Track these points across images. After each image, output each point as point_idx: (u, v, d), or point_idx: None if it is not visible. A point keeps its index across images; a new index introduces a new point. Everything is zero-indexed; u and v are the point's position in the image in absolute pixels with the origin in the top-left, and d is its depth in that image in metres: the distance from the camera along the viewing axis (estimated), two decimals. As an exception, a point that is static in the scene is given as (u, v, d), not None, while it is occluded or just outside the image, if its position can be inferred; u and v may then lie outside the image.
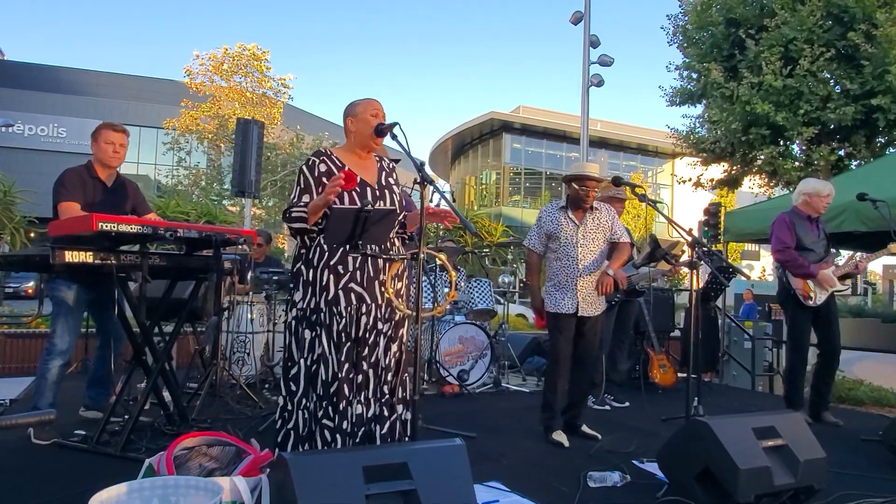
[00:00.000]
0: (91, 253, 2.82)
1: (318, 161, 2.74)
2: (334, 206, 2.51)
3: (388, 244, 2.72)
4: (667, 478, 2.77)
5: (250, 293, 4.93)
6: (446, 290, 2.96)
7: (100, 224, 2.67)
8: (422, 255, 2.34)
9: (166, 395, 3.50)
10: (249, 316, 4.87)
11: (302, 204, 2.67)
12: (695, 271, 3.38)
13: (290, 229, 2.72)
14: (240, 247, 3.82)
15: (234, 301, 4.63)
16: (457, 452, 2.04)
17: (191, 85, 21.44)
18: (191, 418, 3.56)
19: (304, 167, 2.74)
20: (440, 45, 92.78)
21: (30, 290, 18.74)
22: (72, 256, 2.74)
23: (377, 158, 2.88)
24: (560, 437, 3.65)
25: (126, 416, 3.23)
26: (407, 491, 1.87)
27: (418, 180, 2.39)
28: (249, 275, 4.80)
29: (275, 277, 4.81)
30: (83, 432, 3.27)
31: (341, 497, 1.78)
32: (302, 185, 2.72)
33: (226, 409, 4.01)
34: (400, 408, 2.79)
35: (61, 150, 25.16)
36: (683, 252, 3.67)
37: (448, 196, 2.61)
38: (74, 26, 67.12)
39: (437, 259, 2.71)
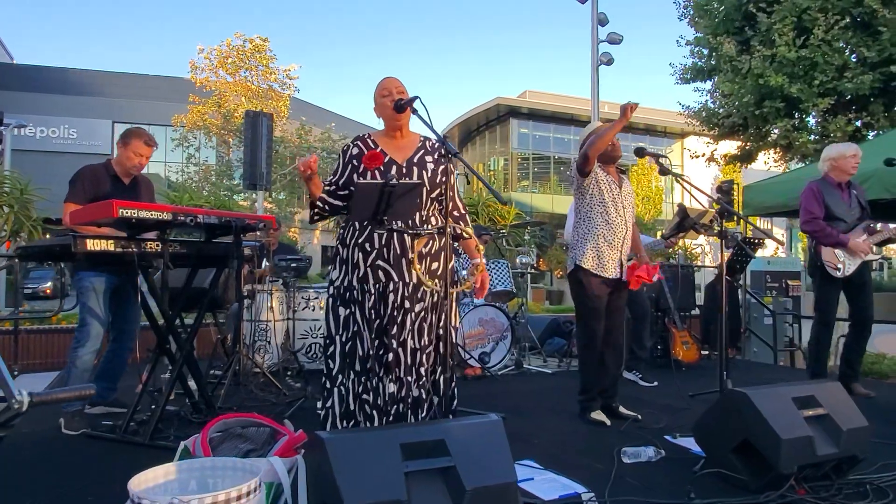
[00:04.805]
0: (112, 241, 2.80)
1: (352, 144, 2.80)
2: (359, 180, 2.47)
3: (418, 220, 2.67)
4: (704, 451, 2.71)
5: (268, 280, 4.90)
6: (471, 263, 2.90)
7: (120, 210, 2.63)
8: (448, 230, 2.29)
9: (191, 383, 3.49)
10: (269, 304, 4.84)
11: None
12: (724, 243, 3.30)
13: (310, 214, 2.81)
14: (258, 233, 3.78)
15: (255, 289, 4.60)
16: (494, 428, 2.00)
17: (195, 80, 21.39)
18: (216, 406, 3.55)
19: (342, 150, 2.81)
20: (442, 33, 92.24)
21: (48, 291, 18.86)
22: (93, 245, 2.71)
23: (422, 138, 2.83)
24: (600, 416, 3.58)
25: (153, 406, 3.22)
26: (446, 468, 1.83)
27: (443, 153, 2.33)
28: (265, 262, 4.78)
29: (293, 264, 4.77)
30: (111, 422, 3.27)
31: (380, 475, 1.74)
32: (334, 168, 2.79)
33: (250, 397, 4.00)
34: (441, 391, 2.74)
35: (73, 150, 25.28)
36: (712, 222, 3.58)
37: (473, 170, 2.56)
38: (81, 28, 67.35)
39: (464, 234, 2.66)
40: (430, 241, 2.68)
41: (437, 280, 2.58)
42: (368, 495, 1.69)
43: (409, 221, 2.62)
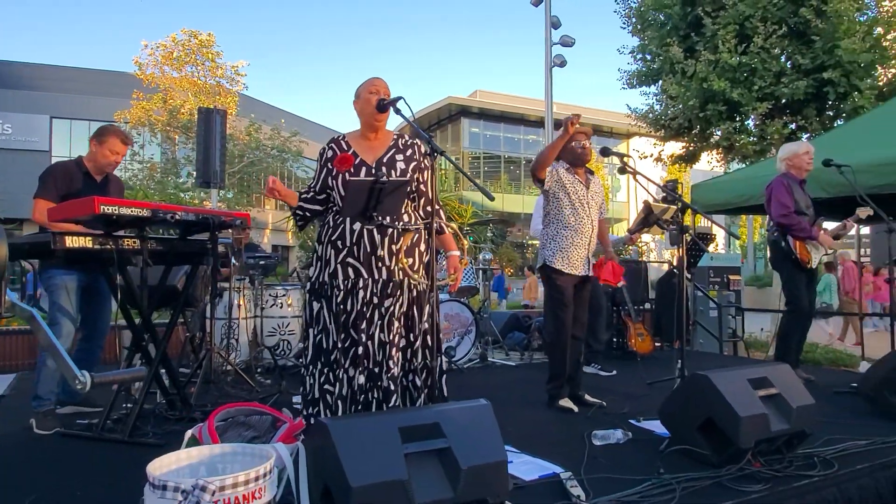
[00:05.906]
0: (91, 238, 2.79)
1: (327, 147, 2.88)
2: (351, 178, 2.56)
3: (399, 215, 2.76)
4: (669, 431, 2.90)
5: (235, 278, 4.88)
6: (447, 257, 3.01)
7: (101, 207, 2.64)
8: (434, 226, 2.39)
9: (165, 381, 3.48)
10: (237, 301, 4.83)
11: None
12: (683, 238, 3.51)
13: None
14: (231, 231, 3.80)
15: (231, 286, 4.58)
16: (484, 412, 2.12)
17: (142, 77, 20.79)
18: (191, 403, 3.55)
19: (319, 153, 2.90)
20: (394, 32, 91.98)
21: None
22: (72, 242, 2.71)
23: (395, 136, 2.89)
24: (567, 403, 3.74)
25: (127, 404, 3.21)
26: (442, 449, 1.94)
27: (427, 151, 2.44)
28: (232, 261, 4.76)
29: (261, 262, 4.78)
30: (86, 421, 3.24)
31: (382, 457, 1.83)
32: (314, 173, 2.90)
33: (222, 394, 4.01)
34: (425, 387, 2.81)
35: (8, 147, 24.11)
36: (674, 218, 3.79)
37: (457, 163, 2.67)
38: (18, 19, 64.10)
39: (447, 230, 2.77)
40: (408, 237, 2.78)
41: (420, 274, 2.69)
42: (372, 476, 1.78)
43: (394, 217, 2.71)
